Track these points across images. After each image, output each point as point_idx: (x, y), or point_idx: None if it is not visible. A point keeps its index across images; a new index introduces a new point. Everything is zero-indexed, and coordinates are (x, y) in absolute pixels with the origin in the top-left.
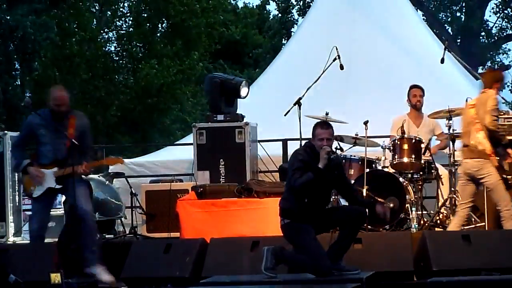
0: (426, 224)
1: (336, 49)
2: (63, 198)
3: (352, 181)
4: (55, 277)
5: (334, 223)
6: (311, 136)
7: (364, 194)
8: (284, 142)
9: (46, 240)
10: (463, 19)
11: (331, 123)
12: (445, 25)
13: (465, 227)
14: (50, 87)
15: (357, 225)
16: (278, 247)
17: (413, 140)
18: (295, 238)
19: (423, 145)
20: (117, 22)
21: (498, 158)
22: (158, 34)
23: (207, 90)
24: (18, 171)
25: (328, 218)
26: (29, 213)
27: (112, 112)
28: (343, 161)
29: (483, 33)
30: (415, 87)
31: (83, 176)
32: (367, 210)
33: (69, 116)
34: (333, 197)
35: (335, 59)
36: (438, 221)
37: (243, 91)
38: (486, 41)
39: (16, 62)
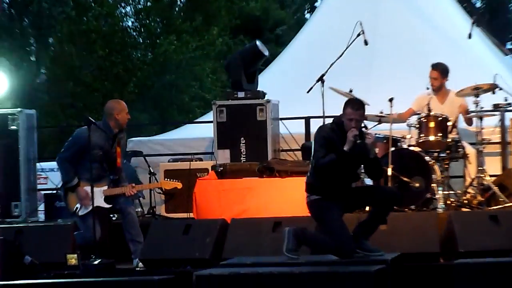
0: (453, 204)
1: (360, 24)
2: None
3: None
4: (72, 258)
5: (365, 202)
6: (334, 114)
7: (389, 173)
8: (307, 120)
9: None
10: None
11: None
12: None
13: (493, 207)
14: (65, 63)
15: (390, 207)
16: (299, 229)
17: (440, 118)
18: (320, 216)
19: (449, 123)
20: None
21: None
22: (177, 9)
23: (227, 66)
24: (66, 187)
25: (359, 196)
26: (44, 192)
27: (129, 89)
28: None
29: None
30: (431, 68)
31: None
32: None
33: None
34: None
35: (359, 34)
36: (465, 201)
37: (264, 50)
38: None
39: (31, 38)
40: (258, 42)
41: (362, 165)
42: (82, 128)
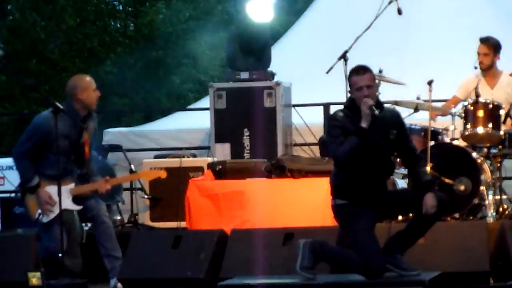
0: (506, 212)
1: None
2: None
3: None
4: (34, 277)
5: (404, 210)
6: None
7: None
8: (326, 106)
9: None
10: None
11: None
12: None
13: None
14: (27, 35)
15: (435, 217)
16: (317, 241)
17: (490, 106)
18: (347, 224)
19: (502, 112)
20: None
21: None
22: None
23: (227, 41)
24: (25, 188)
25: (396, 202)
26: (0, 195)
27: (106, 68)
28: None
29: None
30: (480, 42)
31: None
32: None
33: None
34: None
35: (391, 1)
36: None
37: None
38: None
39: None
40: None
41: (398, 155)
42: (43, 113)
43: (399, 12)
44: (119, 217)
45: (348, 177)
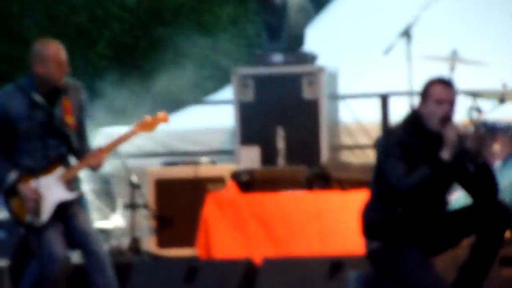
0: None
1: None
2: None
3: (498, 163)
4: None
5: (459, 234)
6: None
7: None
8: (384, 98)
9: None
10: None
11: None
12: None
13: None
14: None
15: (499, 235)
16: (373, 275)
17: None
18: (395, 268)
19: None
20: None
21: None
22: None
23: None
24: (4, 190)
25: (448, 227)
26: None
27: (99, 50)
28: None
29: None
30: None
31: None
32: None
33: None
34: None
35: None
36: None
37: None
38: None
39: None
40: None
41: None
42: None
43: None
44: (116, 243)
45: (392, 212)
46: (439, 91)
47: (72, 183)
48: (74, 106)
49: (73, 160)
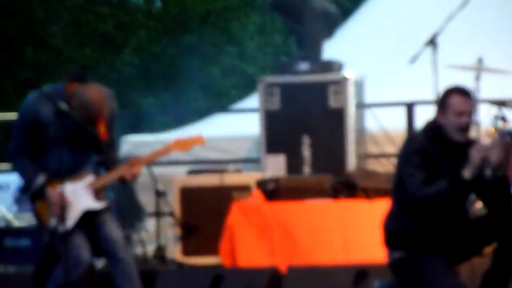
0: None
1: None
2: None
3: None
4: None
5: (480, 242)
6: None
7: None
8: (410, 107)
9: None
10: None
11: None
12: None
13: None
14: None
15: None
16: (397, 284)
17: None
18: (417, 277)
19: None
20: None
21: None
22: None
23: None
24: (31, 193)
25: (468, 235)
26: None
27: (125, 58)
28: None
29: None
30: None
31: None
32: None
33: None
34: None
35: None
36: None
37: None
38: None
39: None
40: None
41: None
42: (27, 97)
43: None
44: (141, 251)
45: (414, 221)
46: (458, 103)
47: (100, 192)
48: (106, 115)
49: (102, 170)
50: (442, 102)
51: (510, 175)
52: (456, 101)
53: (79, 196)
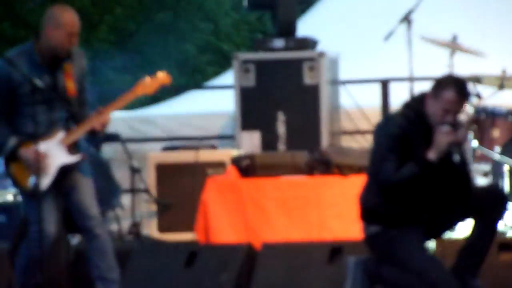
0: None
1: None
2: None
3: (497, 148)
4: None
5: (455, 217)
6: (427, 75)
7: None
8: (384, 84)
9: None
10: None
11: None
12: None
13: None
14: None
15: (496, 216)
16: (372, 259)
17: None
18: (391, 250)
19: None
20: None
21: None
22: None
23: None
24: (5, 157)
25: (443, 210)
26: None
27: (101, 35)
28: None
29: None
30: None
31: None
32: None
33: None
34: None
35: None
36: None
37: None
38: None
39: None
40: None
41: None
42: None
43: None
44: (116, 227)
45: (388, 199)
46: (451, 101)
47: (73, 147)
48: (76, 72)
49: (73, 126)
50: (437, 88)
51: (486, 148)
52: (450, 96)
53: (53, 153)
